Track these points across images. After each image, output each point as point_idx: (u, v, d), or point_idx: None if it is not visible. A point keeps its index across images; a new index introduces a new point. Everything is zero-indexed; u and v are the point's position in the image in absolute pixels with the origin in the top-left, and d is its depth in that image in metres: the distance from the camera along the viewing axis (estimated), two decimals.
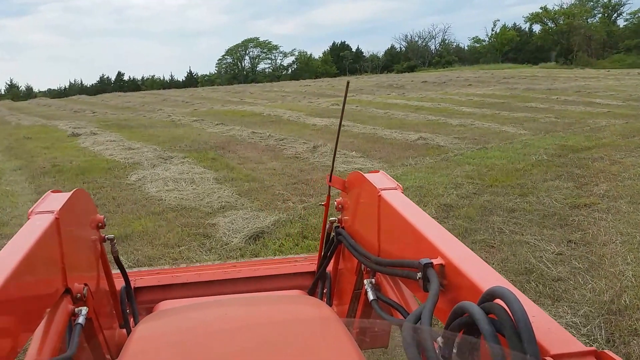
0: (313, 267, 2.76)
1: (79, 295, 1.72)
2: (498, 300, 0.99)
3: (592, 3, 76.68)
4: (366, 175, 2.11)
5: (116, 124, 19.48)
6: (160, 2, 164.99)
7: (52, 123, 20.60)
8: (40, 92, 77.67)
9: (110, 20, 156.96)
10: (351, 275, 2.23)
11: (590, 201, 7.40)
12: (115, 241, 2.27)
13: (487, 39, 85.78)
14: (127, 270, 2.49)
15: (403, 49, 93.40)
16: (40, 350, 1.46)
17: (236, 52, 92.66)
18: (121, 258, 2.47)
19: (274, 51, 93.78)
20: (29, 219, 1.71)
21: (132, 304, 2.46)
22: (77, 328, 1.63)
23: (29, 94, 73.43)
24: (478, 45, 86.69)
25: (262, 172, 9.88)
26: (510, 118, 17.19)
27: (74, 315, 1.68)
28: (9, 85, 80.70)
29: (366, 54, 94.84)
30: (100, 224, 2.20)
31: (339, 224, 2.37)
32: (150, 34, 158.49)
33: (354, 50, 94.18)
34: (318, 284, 2.53)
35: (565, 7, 77.06)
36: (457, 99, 24.60)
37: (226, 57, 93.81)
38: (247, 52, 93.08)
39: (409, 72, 71.60)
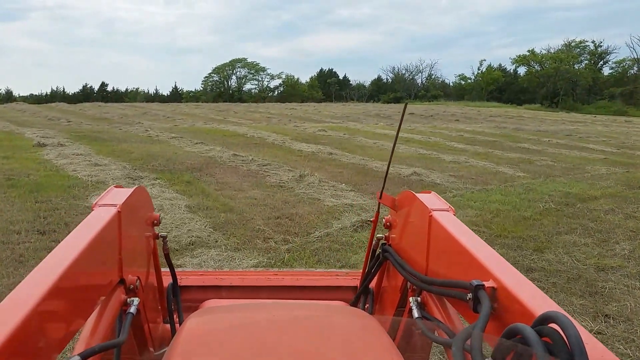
0: (355, 282, 2.71)
1: (131, 286, 1.74)
2: (552, 325, 0.97)
3: (578, 50, 77.64)
4: (418, 195, 2.06)
5: (88, 135, 18.16)
6: (150, 17, 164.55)
7: (20, 130, 19.19)
8: (20, 96, 75.64)
9: (100, 32, 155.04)
10: (395, 292, 2.18)
11: (617, 263, 6.42)
12: (167, 239, 2.30)
13: (473, 77, 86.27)
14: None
15: (390, 80, 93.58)
16: (92, 335, 1.45)
17: (223, 70, 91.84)
18: None
19: (261, 73, 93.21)
20: (92, 210, 1.73)
21: (178, 301, 2.45)
22: (129, 317, 1.65)
23: (9, 97, 71.35)
24: (464, 82, 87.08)
25: (242, 201, 8.75)
26: (504, 158, 16.37)
27: (126, 305, 1.71)
28: None
29: (352, 82, 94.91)
30: (155, 221, 2.20)
31: (385, 241, 2.31)
32: (139, 48, 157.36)
33: (340, 77, 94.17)
34: (360, 299, 2.47)
35: (552, 51, 77.93)
36: (447, 133, 23.83)
37: (213, 75, 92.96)
38: (235, 71, 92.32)
39: (395, 103, 71.49)
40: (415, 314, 1.82)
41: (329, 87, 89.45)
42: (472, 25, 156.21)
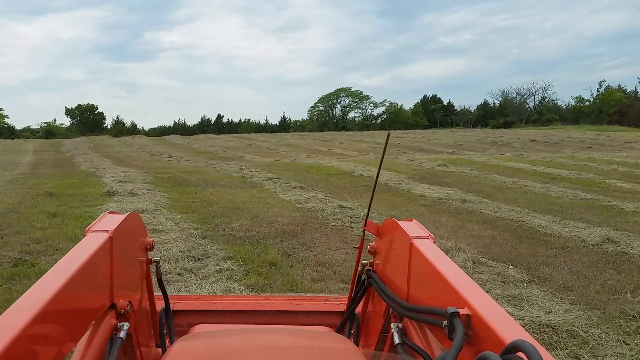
0: (342, 307, 2.58)
1: (122, 311, 1.69)
2: (520, 354, 0.93)
3: None
4: (400, 222, 1.97)
5: (175, 177, 15.15)
6: (264, 54, 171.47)
7: (101, 172, 16.50)
8: (143, 129, 78.65)
9: (219, 68, 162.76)
10: (379, 318, 2.09)
11: None
12: (160, 264, 2.19)
13: (591, 99, 77.80)
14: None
15: (497, 104, 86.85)
16: (82, 358, 1.42)
17: (328, 100, 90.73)
18: None
19: (365, 101, 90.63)
20: (85, 235, 1.68)
21: (170, 325, 2.35)
22: (118, 342, 1.60)
23: (133, 130, 74.12)
24: (582, 105, 78.77)
25: None
26: None
27: (116, 329, 1.66)
28: (115, 121, 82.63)
29: (457, 107, 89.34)
30: (149, 246, 2.12)
31: (370, 267, 2.21)
32: (253, 82, 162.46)
33: (445, 103, 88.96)
34: (346, 324, 2.40)
35: None
36: (597, 167, 18.69)
37: (318, 104, 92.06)
38: (339, 100, 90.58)
39: (505, 127, 65.53)
40: (396, 339, 1.74)
41: (434, 113, 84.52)
42: (578, 48, 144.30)
